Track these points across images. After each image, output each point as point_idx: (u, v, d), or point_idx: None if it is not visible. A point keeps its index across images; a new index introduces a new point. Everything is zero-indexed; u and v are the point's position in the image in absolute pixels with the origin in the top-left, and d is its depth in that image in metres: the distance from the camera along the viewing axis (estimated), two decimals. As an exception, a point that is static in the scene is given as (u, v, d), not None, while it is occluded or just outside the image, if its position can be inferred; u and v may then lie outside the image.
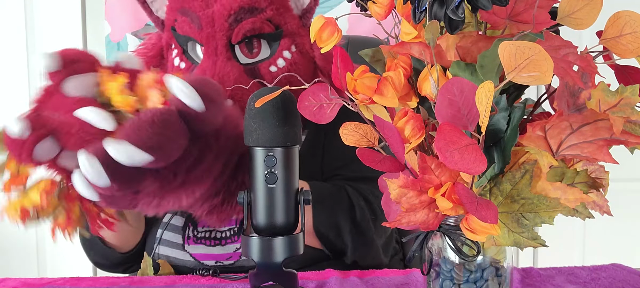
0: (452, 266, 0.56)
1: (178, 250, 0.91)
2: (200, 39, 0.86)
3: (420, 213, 0.49)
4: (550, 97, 0.54)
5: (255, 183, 0.63)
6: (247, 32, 0.85)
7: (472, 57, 0.50)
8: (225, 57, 0.85)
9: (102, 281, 0.81)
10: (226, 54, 0.86)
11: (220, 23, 0.84)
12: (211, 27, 0.85)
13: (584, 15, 0.47)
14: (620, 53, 0.48)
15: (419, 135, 0.50)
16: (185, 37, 0.88)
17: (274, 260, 0.63)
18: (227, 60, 0.85)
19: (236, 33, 0.85)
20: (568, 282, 0.78)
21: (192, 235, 0.91)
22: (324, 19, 0.53)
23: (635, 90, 0.47)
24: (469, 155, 0.43)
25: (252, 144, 0.62)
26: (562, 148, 0.49)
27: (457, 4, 0.45)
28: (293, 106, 0.61)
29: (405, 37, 0.51)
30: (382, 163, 0.51)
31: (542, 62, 0.41)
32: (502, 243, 0.53)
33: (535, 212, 0.51)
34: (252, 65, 0.87)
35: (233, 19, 0.84)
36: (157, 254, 0.91)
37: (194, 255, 0.90)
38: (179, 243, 0.91)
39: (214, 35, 0.85)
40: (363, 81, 0.51)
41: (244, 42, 0.87)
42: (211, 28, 0.85)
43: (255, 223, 0.64)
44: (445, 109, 0.46)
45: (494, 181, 0.52)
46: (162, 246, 0.91)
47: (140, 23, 1.85)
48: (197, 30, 0.85)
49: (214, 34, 0.85)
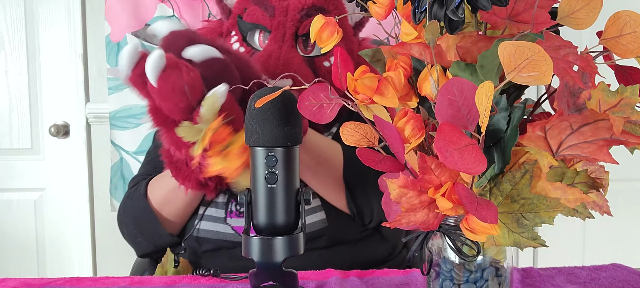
0: (452, 266, 0.56)
1: (219, 224, 0.97)
2: (270, 25, 0.97)
3: (420, 213, 0.49)
4: (550, 97, 0.54)
5: (255, 183, 0.63)
6: None
7: (472, 57, 0.50)
8: (290, 45, 0.97)
9: (102, 281, 0.81)
10: (291, 42, 0.97)
11: (292, 14, 0.96)
12: (284, 16, 0.97)
13: (584, 15, 0.47)
14: (620, 53, 0.48)
15: (419, 135, 0.50)
16: (251, 25, 0.99)
17: (274, 260, 0.63)
18: (291, 47, 0.97)
19: (304, 25, 0.97)
20: (568, 282, 0.78)
21: (235, 209, 0.97)
22: (324, 19, 0.53)
23: (635, 90, 0.47)
24: (469, 155, 0.43)
25: (253, 144, 0.62)
26: (562, 149, 0.49)
27: (457, 5, 0.45)
28: (294, 106, 0.61)
29: (405, 37, 0.51)
30: (382, 163, 0.51)
31: (542, 62, 0.41)
32: (502, 243, 0.53)
33: (535, 212, 0.51)
34: (309, 58, 0.99)
35: (305, 13, 0.97)
36: (198, 229, 0.97)
37: (234, 228, 0.96)
38: (221, 217, 0.97)
39: (285, 23, 0.97)
40: (363, 81, 0.51)
41: (303, 37, 0.98)
42: (284, 17, 0.97)
43: (255, 223, 0.64)
44: (445, 108, 0.46)
45: (494, 181, 0.52)
46: (203, 221, 0.98)
47: (140, 23, 1.85)
48: (269, 17, 0.97)
49: (285, 23, 0.97)
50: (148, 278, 0.82)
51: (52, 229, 1.97)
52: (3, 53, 1.90)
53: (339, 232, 0.96)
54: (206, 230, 0.97)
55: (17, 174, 1.95)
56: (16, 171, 1.95)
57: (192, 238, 0.98)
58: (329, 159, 0.93)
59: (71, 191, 1.95)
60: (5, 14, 1.89)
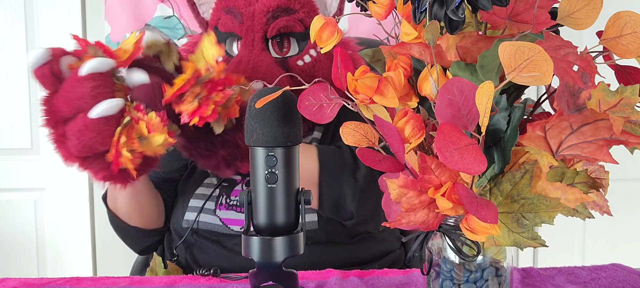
0: (452, 266, 0.56)
1: (209, 215, 0.99)
2: (240, 32, 0.99)
3: (420, 213, 0.49)
4: (550, 97, 0.54)
5: (255, 183, 0.63)
6: (281, 28, 0.98)
7: (472, 57, 0.50)
8: (260, 48, 0.98)
9: (102, 281, 0.81)
10: (261, 45, 0.98)
11: (259, 18, 0.98)
12: (251, 21, 0.98)
13: (584, 15, 0.47)
14: (620, 53, 0.48)
15: (419, 135, 0.50)
16: (226, 34, 1.01)
17: (274, 260, 0.63)
18: (261, 50, 0.98)
19: (272, 28, 0.98)
20: (568, 282, 0.78)
21: (225, 202, 1.00)
22: (323, 19, 0.53)
23: (635, 90, 0.47)
24: (469, 155, 0.43)
25: (253, 144, 0.62)
26: (562, 149, 0.49)
27: (457, 5, 0.45)
28: (293, 106, 0.61)
29: (405, 37, 0.51)
30: (382, 163, 0.51)
31: (542, 63, 0.41)
32: (502, 243, 0.53)
33: (535, 212, 0.51)
34: (282, 59, 1.00)
35: (271, 16, 0.98)
36: (186, 220, 1.00)
37: (223, 220, 0.98)
38: (211, 208, 0.99)
39: (252, 28, 0.98)
40: (363, 81, 0.51)
41: (276, 39, 0.99)
42: (251, 22, 0.98)
43: (255, 222, 0.64)
44: (445, 109, 0.46)
45: (494, 181, 0.52)
46: (191, 212, 1.00)
47: (140, 23, 1.86)
48: (238, 24, 0.99)
49: (253, 27, 0.98)
50: (148, 278, 0.82)
51: (52, 229, 1.97)
52: (3, 53, 1.90)
53: (330, 235, 0.97)
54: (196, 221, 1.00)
55: (17, 174, 1.95)
56: (16, 171, 1.95)
57: (182, 230, 1.00)
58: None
59: (71, 191, 1.95)
60: (5, 14, 1.89)
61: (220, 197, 1.01)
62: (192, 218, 1.00)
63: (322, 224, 0.97)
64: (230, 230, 0.97)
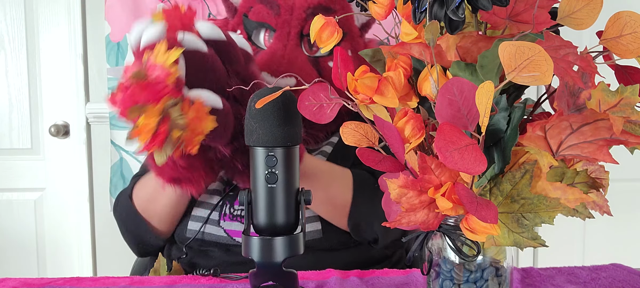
0: (452, 266, 0.56)
1: (213, 226, 0.96)
2: (275, 24, 0.97)
3: (420, 213, 0.49)
4: (550, 97, 0.54)
5: (255, 183, 0.63)
6: None
7: (472, 57, 0.50)
8: (295, 43, 0.97)
9: (102, 281, 0.81)
10: (296, 41, 0.97)
11: (298, 13, 0.96)
12: (289, 14, 0.96)
13: (584, 15, 0.47)
14: (620, 53, 0.48)
15: (419, 135, 0.50)
16: (256, 23, 0.99)
17: (274, 260, 0.63)
18: (296, 46, 0.97)
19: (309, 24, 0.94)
20: (568, 282, 0.78)
21: (229, 212, 0.97)
22: (323, 19, 0.53)
23: (635, 90, 0.47)
24: (469, 155, 0.43)
25: (253, 144, 0.62)
26: (562, 149, 0.49)
27: (457, 5, 0.45)
28: (294, 106, 0.61)
29: (405, 37, 0.51)
30: (382, 163, 0.51)
31: (542, 63, 0.41)
32: (502, 243, 0.53)
33: (535, 212, 0.51)
34: (314, 58, 0.99)
35: (310, 12, 0.96)
36: (190, 230, 0.97)
37: (227, 231, 0.96)
38: (215, 219, 0.97)
39: (290, 21, 0.97)
40: (363, 81, 0.51)
41: (308, 37, 0.97)
42: (289, 15, 0.96)
43: (255, 222, 0.64)
44: (445, 109, 0.46)
45: (494, 181, 0.52)
46: (195, 222, 0.97)
47: (141, 23, 1.85)
48: (274, 16, 0.97)
49: (291, 21, 0.96)
50: (148, 278, 0.82)
51: (52, 229, 1.97)
52: (3, 53, 1.90)
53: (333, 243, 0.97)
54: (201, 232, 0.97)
55: (17, 174, 1.95)
56: (16, 171, 1.95)
57: (186, 239, 0.98)
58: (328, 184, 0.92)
59: (71, 191, 1.95)
60: (5, 14, 1.89)
61: (224, 206, 0.98)
62: (196, 227, 0.97)
63: (327, 233, 0.95)
64: (235, 241, 0.95)
